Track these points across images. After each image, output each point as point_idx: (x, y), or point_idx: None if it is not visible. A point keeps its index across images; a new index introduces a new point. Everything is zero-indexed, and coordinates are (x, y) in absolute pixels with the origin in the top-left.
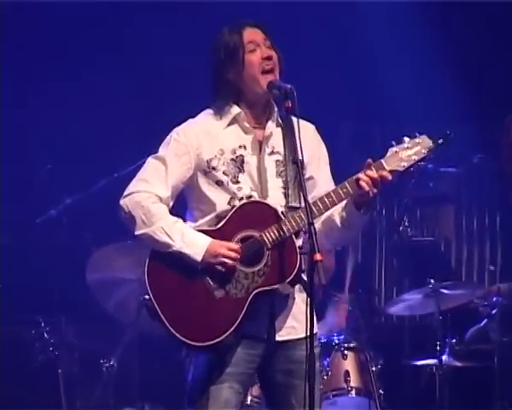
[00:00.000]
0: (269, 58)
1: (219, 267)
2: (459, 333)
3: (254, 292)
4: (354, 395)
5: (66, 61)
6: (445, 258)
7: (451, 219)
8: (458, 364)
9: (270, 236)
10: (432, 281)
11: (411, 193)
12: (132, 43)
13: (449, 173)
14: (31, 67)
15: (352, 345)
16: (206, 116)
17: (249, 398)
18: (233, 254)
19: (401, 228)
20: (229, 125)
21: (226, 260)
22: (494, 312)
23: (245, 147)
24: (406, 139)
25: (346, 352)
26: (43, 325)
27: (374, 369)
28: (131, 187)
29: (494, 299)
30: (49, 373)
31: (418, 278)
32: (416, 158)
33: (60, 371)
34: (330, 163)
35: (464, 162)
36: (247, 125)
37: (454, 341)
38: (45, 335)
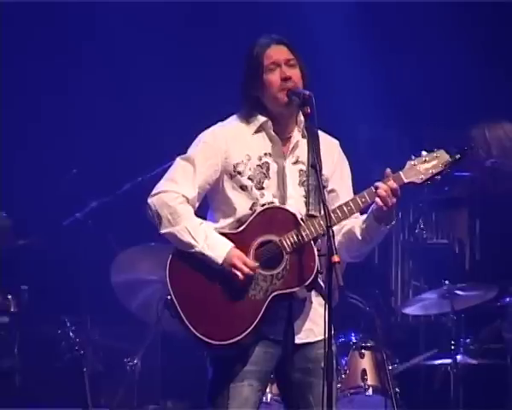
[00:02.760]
0: (287, 79)
1: (235, 276)
2: (473, 333)
3: (272, 295)
4: (371, 394)
5: (93, 66)
6: (458, 260)
7: (465, 222)
8: (472, 362)
9: (290, 241)
10: (447, 282)
11: (427, 197)
12: (156, 48)
13: (463, 177)
14: (59, 72)
15: (369, 344)
16: (235, 121)
17: (269, 396)
18: (246, 270)
19: (417, 231)
20: (256, 131)
21: (239, 275)
22: (507, 311)
23: (270, 154)
24: (424, 153)
25: (363, 351)
26: (69, 324)
27: (390, 368)
28: (160, 186)
29: (507, 300)
30: (74, 371)
31: (433, 279)
32: (434, 171)
33: (85, 369)
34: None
35: (477, 166)
36: (274, 133)
37: (468, 340)
38: (71, 334)
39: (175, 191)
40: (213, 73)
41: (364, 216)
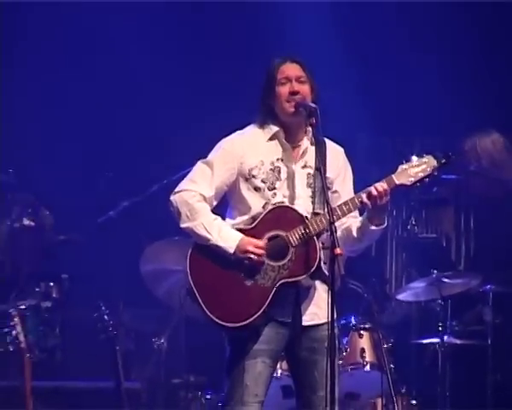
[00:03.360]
0: (295, 93)
1: (247, 261)
2: (458, 316)
3: (279, 283)
4: (369, 369)
5: (127, 76)
6: (446, 252)
7: (451, 218)
8: (457, 342)
9: (295, 235)
10: (435, 271)
11: (417, 197)
12: (182, 53)
13: (449, 180)
14: (99, 82)
15: (367, 326)
16: (252, 130)
17: (279, 371)
18: (258, 251)
19: (409, 226)
20: (270, 139)
21: (252, 256)
22: (487, 297)
23: (282, 159)
24: (414, 158)
25: (361, 332)
26: (103, 309)
27: (385, 346)
28: (181, 185)
29: (488, 287)
30: (108, 350)
31: (423, 268)
32: (422, 175)
33: (118, 347)
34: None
35: (462, 170)
36: (285, 141)
37: (454, 323)
38: (105, 317)
39: (194, 190)
40: (234, 86)
41: (361, 218)
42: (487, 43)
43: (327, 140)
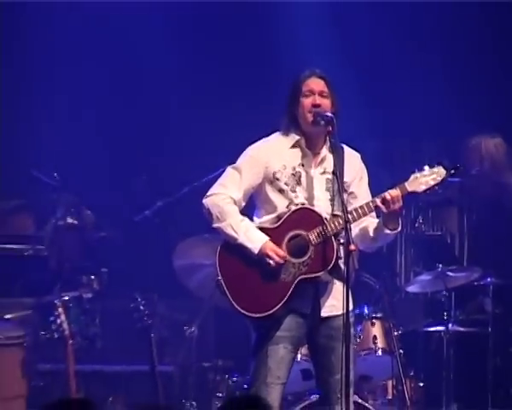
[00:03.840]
0: (316, 106)
1: (267, 264)
2: (461, 306)
3: (299, 278)
4: (380, 354)
5: (160, 81)
6: (450, 248)
7: (455, 217)
8: (461, 330)
9: (315, 235)
10: (440, 266)
11: (424, 198)
12: (215, 58)
13: (453, 182)
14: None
15: (378, 315)
16: (276, 138)
17: (299, 356)
18: (277, 259)
19: (416, 225)
20: (292, 146)
21: (271, 262)
22: (488, 289)
23: (303, 165)
24: (426, 168)
25: (374, 320)
26: (139, 300)
27: (395, 333)
28: (213, 189)
29: (488, 279)
30: (144, 337)
31: (429, 263)
32: (433, 183)
33: (152, 335)
34: None
35: (465, 174)
36: (306, 149)
37: (457, 312)
38: (141, 307)
39: (224, 194)
40: (261, 94)
41: (378, 220)
42: (492, 47)
43: (345, 146)
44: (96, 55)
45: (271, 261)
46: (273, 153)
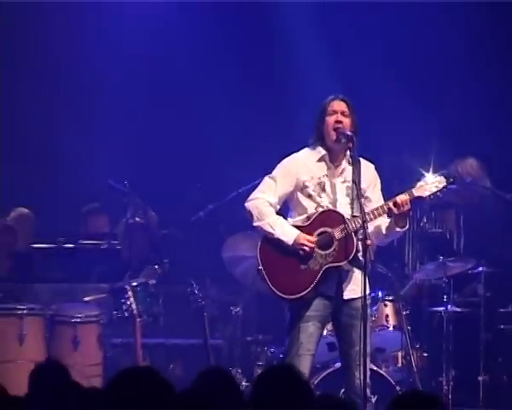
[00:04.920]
0: (338, 122)
1: (301, 251)
2: (458, 290)
3: (325, 267)
4: (392, 330)
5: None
6: (449, 242)
7: (453, 217)
8: (458, 310)
9: (338, 232)
10: (441, 257)
11: (428, 201)
12: (258, 72)
13: (452, 188)
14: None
15: (390, 298)
16: (305, 152)
17: (325, 331)
18: (309, 244)
19: (421, 224)
20: (318, 160)
21: (305, 248)
22: (480, 276)
23: (327, 176)
24: (430, 177)
25: (386, 302)
26: (194, 285)
27: (404, 313)
28: (253, 195)
29: (480, 269)
30: (198, 316)
31: (432, 255)
32: (435, 190)
33: (205, 314)
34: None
35: (461, 182)
36: (329, 162)
37: (455, 295)
38: (196, 292)
39: (262, 198)
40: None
41: (389, 219)
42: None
43: (361, 159)
44: (150, 70)
45: (305, 248)
46: (302, 165)
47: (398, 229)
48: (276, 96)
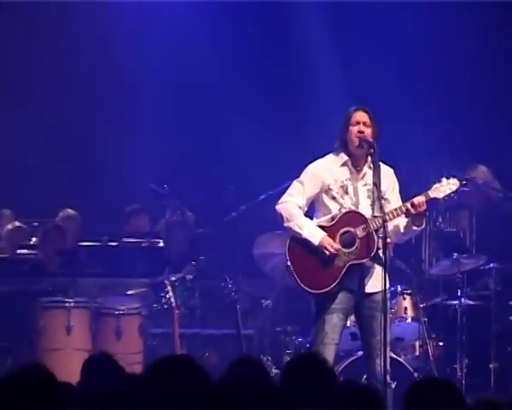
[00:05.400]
0: (361, 132)
1: (325, 252)
2: (471, 285)
3: (348, 264)
4: (410, 321)
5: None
6: (463, 241)
7: (467, 217)
8: (471, 303)
9: (360, 231)
10: (455, 254)
11: (443, 202)
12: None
13: (465, 191)
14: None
15: (408, 291)
16: (329, 158)
17: (349, 322)
18: (332, 250)
19: (437, 223)
20: (342, 165)
21: (327, 252)
22: (491, 272)
23: (349, 179)
24: (444, 180)
25: (405, 296)
26: (228, 279)
27: (421, 306)
28: (283, 198)
29: (491, 265)
30: (232, 308)
31: (447, 252)
32: (449, 192)
33: (238, 306)
34: None
35: (474, 184)
36: (352, 167)
37: (468, 289)
38: (230, 286)
39: (291, 201)
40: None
41: (407, 219)
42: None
43: (381, 163)
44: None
45: (327, 251)
46: (327, 170)
47: (415, 228)
48: (300, 106)
